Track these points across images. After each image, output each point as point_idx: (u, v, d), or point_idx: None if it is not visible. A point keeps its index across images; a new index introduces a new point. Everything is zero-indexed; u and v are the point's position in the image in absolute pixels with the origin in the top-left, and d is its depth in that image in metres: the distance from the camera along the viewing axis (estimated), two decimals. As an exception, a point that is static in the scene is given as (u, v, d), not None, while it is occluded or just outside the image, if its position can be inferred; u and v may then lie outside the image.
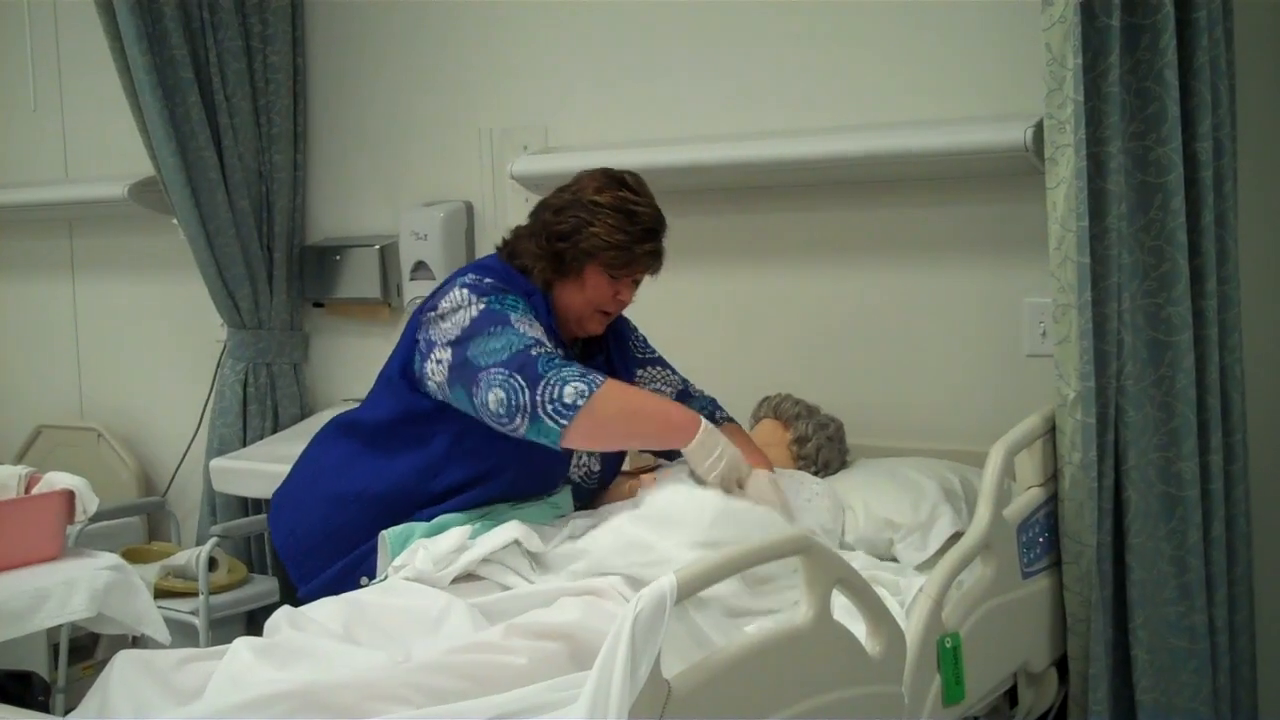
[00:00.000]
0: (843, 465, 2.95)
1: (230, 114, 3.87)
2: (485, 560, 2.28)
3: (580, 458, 2.65)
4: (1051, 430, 2.49)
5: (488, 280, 2.49)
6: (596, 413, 2.27)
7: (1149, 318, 2.46)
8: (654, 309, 3.51)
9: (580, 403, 2.26)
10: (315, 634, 2.02)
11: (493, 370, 2.32)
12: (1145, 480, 2.45)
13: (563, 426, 2.26)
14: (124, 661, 1.95)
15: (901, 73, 3.11)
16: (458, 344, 2.40)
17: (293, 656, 1.92)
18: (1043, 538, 2.47)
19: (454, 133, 3.80)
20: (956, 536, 2.45)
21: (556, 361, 2.32)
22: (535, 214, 2.62)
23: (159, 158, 3.80)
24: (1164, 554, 2.46)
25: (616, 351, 2.79)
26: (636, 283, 2.64)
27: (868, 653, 1.94)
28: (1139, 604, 2.44)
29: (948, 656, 2.09)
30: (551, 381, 2.28)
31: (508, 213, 3.71)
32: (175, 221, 3.91)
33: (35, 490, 2.75)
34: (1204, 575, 2.49)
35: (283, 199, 4.00)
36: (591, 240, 2.51)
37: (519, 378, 2.29)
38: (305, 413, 4.09)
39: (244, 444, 3.97)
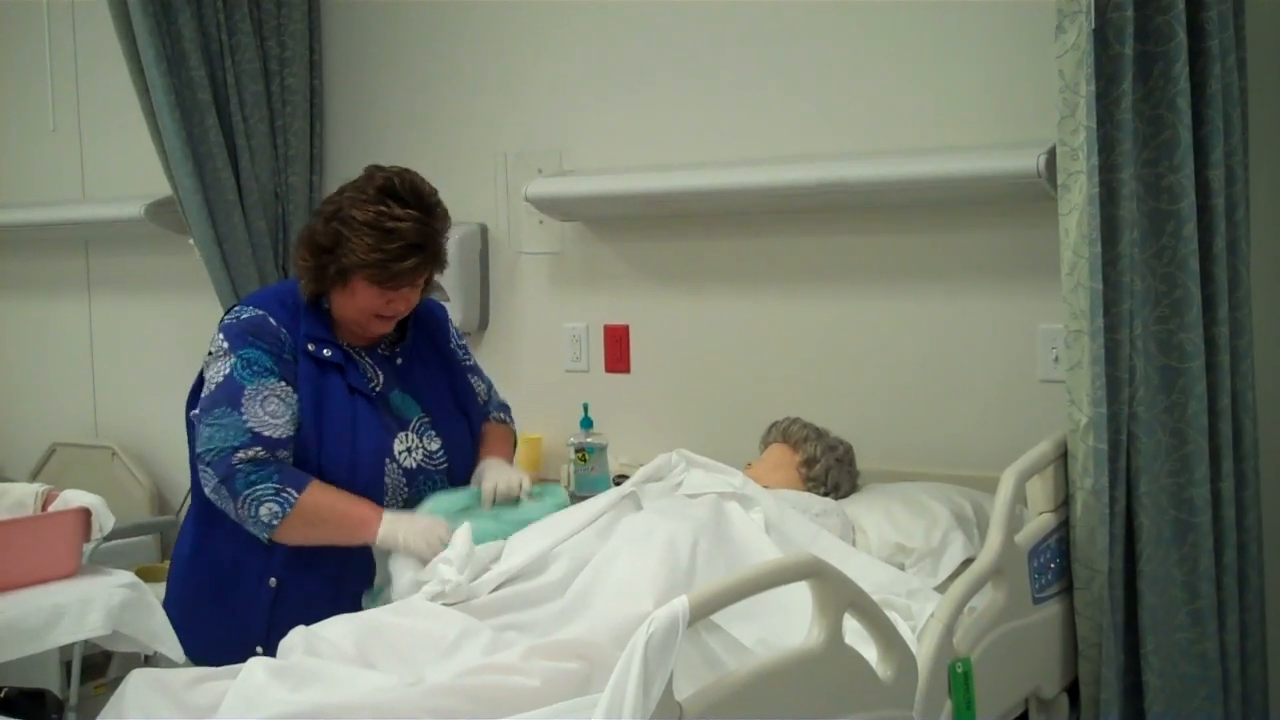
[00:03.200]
0: (853, 488, 2.95)
1: (247, 135, 3.89)
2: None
3: (405, 445, 2.62)
4: (1063, 456, 2.49)
5: (245, 316, 2.55)
6: (291, 530, 2.47)
7: (1161, 344, 2.46)
8: (667, 331, 3.53)
9: (275, 523, 2.45)
10: (330, 657, 2.03)
11: (205, 469, 2.49)
12: (1157, 506, 2.45)
13: (267, 537, 2.48)
14: (138, 680, 1.96)
15: (915, 99, 3.12)
16: (200, 413, 2.53)
17: (306, 679, 1.92)
18: (1054, 563, 2.47)
19: (469, 156, 3.82)
20: (967, 563, 2.45)
21: (254, 476, 2.45)
22: (313, 216, 2.63)
23: (176, 178, 3.82)
24: (1176, 580, 2.46)
25: (442, 340, 2.82)
26: (417, 287, 2.61)
27: (879, 677, 1.94)
28: (1150, 630, 2.44)
29: (959, 681, 2.09)
30: (248, 500, 2.45)
31: (522, 235, 3.73)
32: (191, 242, 3.93)
33: (52, 508, 2.75)
34: (1216, 601, 2.49)
35: (298, 220, 4.02)
36: (350, 257, 2.51)
37: (223, 489, 2.46)
38: (318, 433, 4.10)
39: (257, 463, 3.98)
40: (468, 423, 2.76)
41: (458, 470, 2.68)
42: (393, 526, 2.45)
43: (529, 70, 3.71)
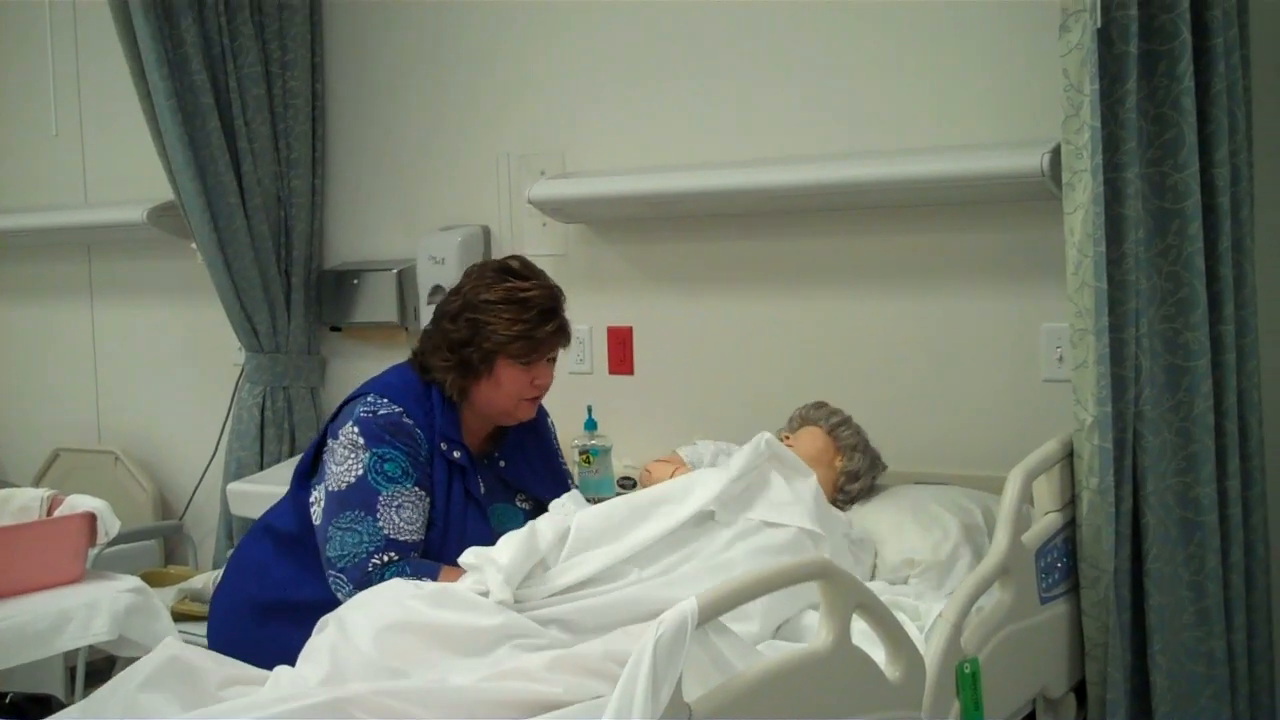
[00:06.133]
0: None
1: (249, 139, 3.89)
2: None
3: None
4: (1069, 455, 2.49)
5: (381, 413, 2.57)
6: None
7: (1167, 343, 2.46)
8: (671, 333, 3.53)
9: None
10: (356, 666, 2.00)
11: (337, 575, 2.50)
12: (1163, 505, 2.45)
13: None
14: (170, 657, 1.97)
15: (919, 99, 3.12)
16: (329, 511, 2.55)
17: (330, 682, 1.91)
18: (1061, 563, 2.47)
19: (472, 157, 3.82)
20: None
21: (389, 573, 2.44)
22: (436, 321, 2.69)
23: (178, 182, 3.82)
24: (1182, 579, 2.46)
25: (546, 434, 2.88)
26: (552, 361, 2.69)
27: (887, 678, 1.94)
28: (1157, 629, 2.44)
29: (966, 682, 2.09)
30: None
31: (524, 237, 3.73)
32: (194, 246, 3.93)
33: (57, 513, 2.76)
34: (1222, 601, 2.49)
35: (301, 223, 4.02)
36: (492, 339, 2.58)
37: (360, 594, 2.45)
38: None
39: (261, 467, 3.98)
40: None
41: None
42: None
43: (531, 72, 3.71)
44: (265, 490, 3.69)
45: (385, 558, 2.48)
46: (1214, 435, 2.47)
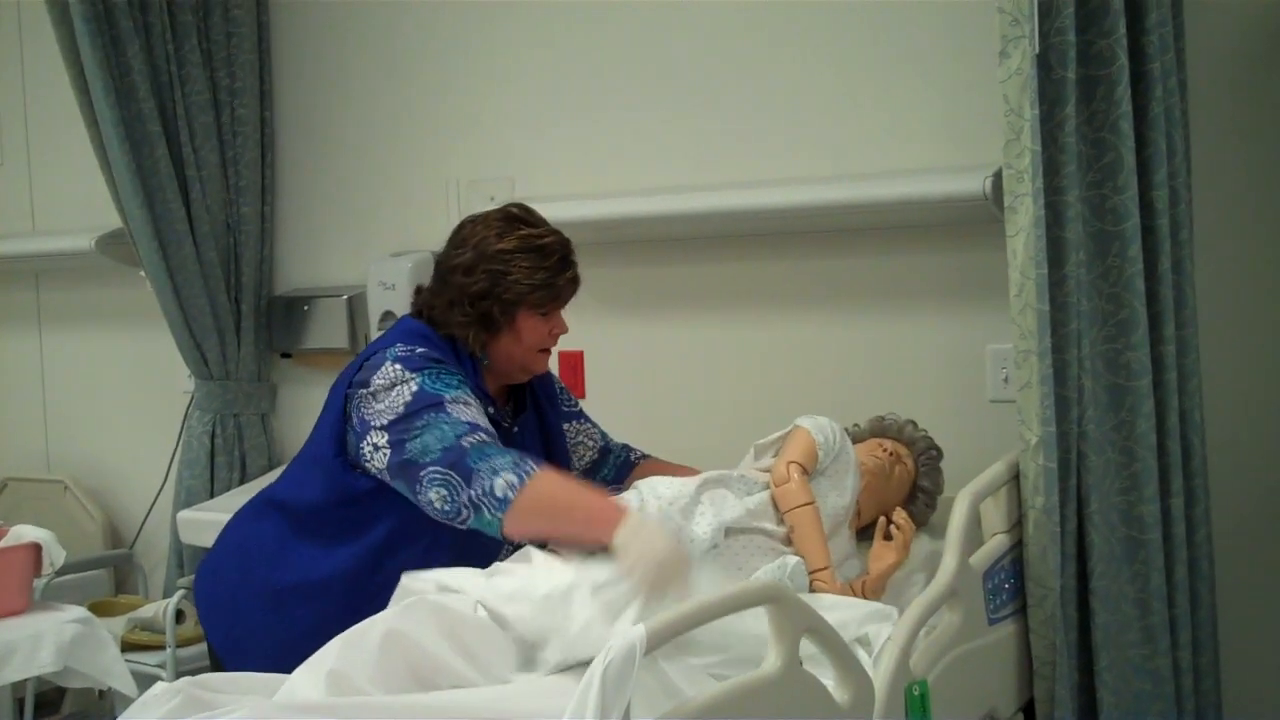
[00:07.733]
0: None
1: (198, 166, 3.88)
2: None
3: None
4: (1016, 476, 2.51)
5: (419, 351, 2.43)
6: (524, 509, 2.21)
7: (1109, 363, 2.49)
8: (622, 357, 3.54)
9: (510, 495, 2.21)
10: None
11: (430, 469, 2.28)
12: (1108, 524, 2.47)
13: (500, 519, 2.22)
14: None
15: (864, 124, 3.14)
16: (395, 433, 2.34)
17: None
18: (1009, 584, 2.48)
19: (421, 183, 3.82)
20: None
21: (489, 450, 2.27)
22: (442, 277, 2.54)
23: (126, 210, 3.80)
24: (1127, 597, 2.48)
25: (549, 407, 2.76)
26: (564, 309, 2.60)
27: (836, 701, 1.95)
28: (1104, 647, 2.46)
29: (915, 704, 2.10)
30: (483, 474, 2.23)
31: (475, 262, 3.73)
32: (142, 273, 3.91)
33: (2, 544, 2.74)
34: (1168, 618, 2.51)
35: (250, 250, 4.01)
36: (514, 289, 2.47)
37: (454, 474, 2.25)
38: (273, 463, 4.08)
39: (211, 495, 3.96)
40: None
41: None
42: (635, 536, 2.15)
43: (480, 97, 3.72)
44: (216, 518, 3.64)
45: (478, 437, 2.28)
46: (1156, 454, 2.49)
